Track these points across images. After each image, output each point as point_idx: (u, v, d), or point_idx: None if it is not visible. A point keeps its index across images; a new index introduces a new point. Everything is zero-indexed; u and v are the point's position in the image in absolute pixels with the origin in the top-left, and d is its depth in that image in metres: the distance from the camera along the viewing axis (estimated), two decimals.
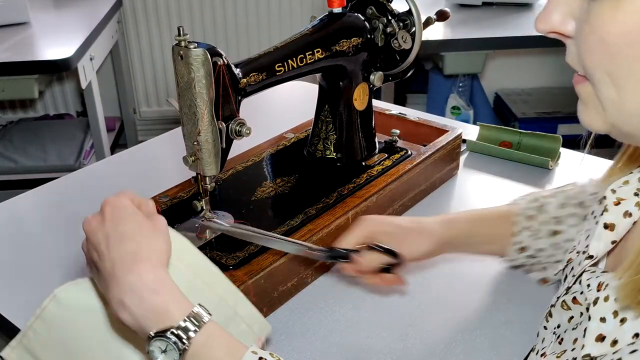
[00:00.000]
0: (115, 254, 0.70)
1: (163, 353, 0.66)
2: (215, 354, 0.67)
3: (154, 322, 0.67)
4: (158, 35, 3.29)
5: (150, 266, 0.69)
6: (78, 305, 0.79)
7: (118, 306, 0.68)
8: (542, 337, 0.77)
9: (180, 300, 0.68)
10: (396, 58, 1.21)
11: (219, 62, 0.93)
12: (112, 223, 0.72)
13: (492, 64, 3.18)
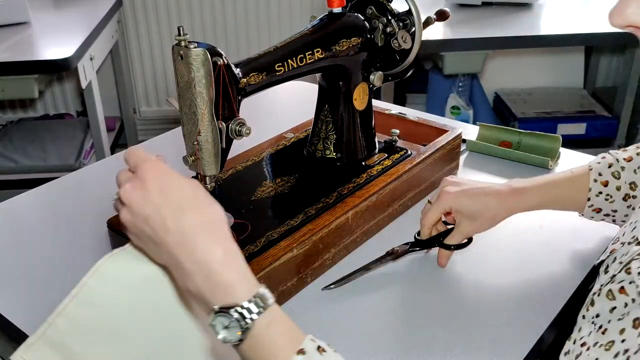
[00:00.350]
0: (176, 226, 0.67)
1: (225, 329, 0.65)
2: (276, 338, 0.67)
3: (220, 297, 0.66)
4: (158, 35, 3.29)
5: (218, 238, 0.68)
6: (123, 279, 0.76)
7: (184, 276, 0.67)
8: (579, 326, 0.77)
9: (247, 278, 0.67)
10: (396, 58, 1.21)
11: (219, 61, 0.93)
12: (161, 193, 0.69)
13: (491, 64, 3.18)
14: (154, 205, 0.69)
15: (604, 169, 1.02)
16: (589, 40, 2.64)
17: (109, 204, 1.19)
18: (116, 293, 0.76)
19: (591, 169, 1.03)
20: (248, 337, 0.65)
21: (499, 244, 1.14)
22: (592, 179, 1.02)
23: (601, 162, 1.03)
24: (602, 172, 1.02)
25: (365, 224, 1.14)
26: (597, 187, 1.02)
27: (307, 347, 0.66)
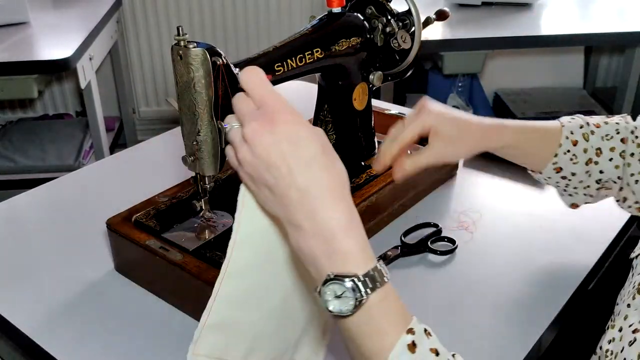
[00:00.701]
0: (302, 182, 0.63)
1: (336, 298, 0.61)
2: (388, 314, 0.63)
3: (336, 264, 0.62)
4: (157, 35, 3.29)
5: (344, 203, 0.65)
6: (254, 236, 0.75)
7: (300, 234, 0.64)
8: (623, 315, 0.77)
9: (366, 250, 0.64)
10: (395, 58, 1.21)
11: (218, 61, 0.92)
12: (290, 143, 0.64)
13: (491, 64, 3.18)
14: (282, 155, 0.64)
15: (576, 128, 0.99)
16: (589, 41, 2.64)
17: (108, 203, 1.20)
18: (252, 254, 0.74)
19: (563, 125, 1.00)
20: (360, 311, 0.61)
21: (498, 243, 1.14)
22: (565, 136, 0.98)
23: (572, 122, 1.00)
24: (574, 131, 0.99)
25: (365, 224, 1.13)
26: (567, 144, 0.98)
27: (415, 327, 0.63)
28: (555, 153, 0.98)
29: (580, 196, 1.04)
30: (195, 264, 0.95)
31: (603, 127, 1.00)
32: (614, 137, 0.98)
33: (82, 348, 0.94)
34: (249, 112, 0.68)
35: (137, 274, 1.05)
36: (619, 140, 0.98)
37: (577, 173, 1.00)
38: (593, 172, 0.99)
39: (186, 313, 0.99)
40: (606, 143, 0.98)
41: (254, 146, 0.66)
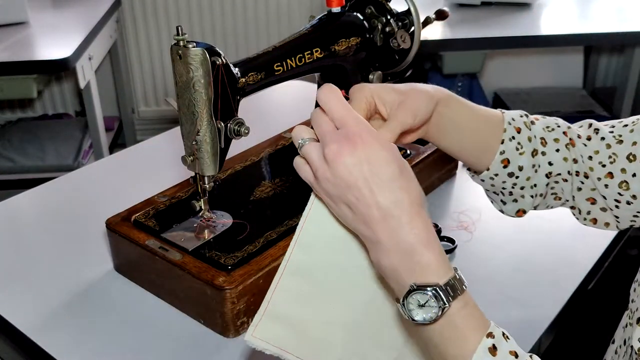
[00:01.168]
0: (383, 201, 0.66)
1: (420, 307, 0.64)
2: (468, 320, 0.66)
3: (418, 276, 0.65)
4: (156, 35, 3.29)
5: (421, 219, 0.66)
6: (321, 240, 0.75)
7: (381, 250, 0.66)
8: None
9: (445, 260, 0.67)
10: (395, 57, 1.21)
11: (217, 61, 0.92)
12: (370, 165, 0.66)
13: (491, 64, 3.18)
14: (363, 177, 0.66)
15: (516, 116, 0.92)
16: (588, 40, 2.64)
17: (107, 203, 1.20)
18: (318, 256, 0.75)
19: (503, 112, 0.92)
20: (442, 318, 0.64)
21: (498, 243, 1.14)
22: (507, 121, 0.91)
23: (510, 111, 0.93)
24: (515, 118, 0.91)
25: None
26: (510, 130, 0.90)
27: (494, 331, 0.66)
28: (501, 139, 0.90)
29: (527, 199, 0.94)
30: (195, 264, 0.95)
31: (542, 120, 0.94)
32: (555, 130, 0.92)
33: (81, 347, 0.94)
34: (330, 132, 0.70)
35: (137, 273, 1.05)
36: (562, 133, 0.92)
37: (524, 167, 0.90)
38: (541, 165, 0.91)
39: (185, 313, 0.99)
40: (549, 134, 0.92)
41: (335, 167, 0.68)
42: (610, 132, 0.91)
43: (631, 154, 0.88)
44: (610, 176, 0.89)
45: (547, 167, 0.91)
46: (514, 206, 0.96)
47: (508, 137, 0.90)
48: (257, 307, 0.95)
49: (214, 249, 0.99)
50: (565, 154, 0.91)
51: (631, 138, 0.88)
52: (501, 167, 0.90)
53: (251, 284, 0.93)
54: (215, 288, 0.91)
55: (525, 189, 0.92)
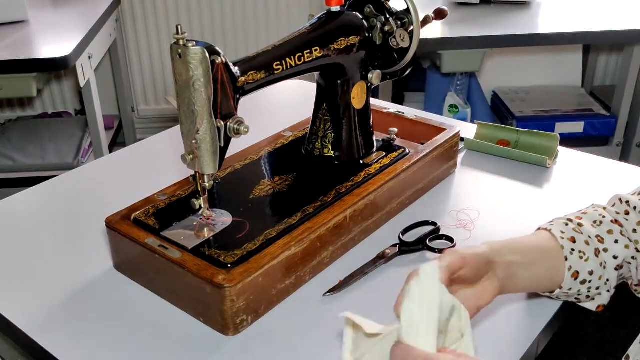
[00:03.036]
0: None
1: None
2: None
3: None
4: (156, 34, 3.29)
5: None
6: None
7: None
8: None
9: None
10: (394, 56, 1.21)
11: (217, 60, 0.93)
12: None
13: (489, 63, 3.18)
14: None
15: (562, 226, 0.92)
16: (587, 39, 2.64)
17: (107, 202, 1.20)
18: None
19: (549, 230, 0.92)
20: None
21: None
22: (558, 237, 0.90)
23: (554, 224, 0.94)
24: (563, 230, 0.92)
25: (364, 222, 1.14)
26: (567, 244, 0.90)
27: None
28: (564, 256, 0.89)
29: (604, 294, 0.94)
30: (194, 262, 0.95)
31: (585, 217, 0.94)
32: (603, 222, 0.93)
33: (80, 346, 0.94)
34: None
35: (136, 272, 1.06)
36: (610, 222, 0.93)
37: (593, 270, 0.90)
38: (607, 261, 0.91)
39: (185, 311, 0.99)
40: (600, 228, 0.92)
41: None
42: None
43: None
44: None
45: (613, 261, 0.91)
46: (592, 304, 0.96)
47: (569, 252, 0.90)
48: (257, 306, 0.96)
49: (213, 247, 0.99)
50: (625, 241, 0.92)
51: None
52: (573, 281, 0.90)
53: (251, 282, 0.93)
54: (214, 286, 0.91)
55: (600, 287, 0.93)
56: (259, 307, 0.97)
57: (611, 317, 2.45)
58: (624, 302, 0.93)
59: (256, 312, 0.97)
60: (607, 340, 2.42)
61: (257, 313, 0.97)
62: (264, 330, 0.96)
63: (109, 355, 0.92)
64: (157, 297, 1.03)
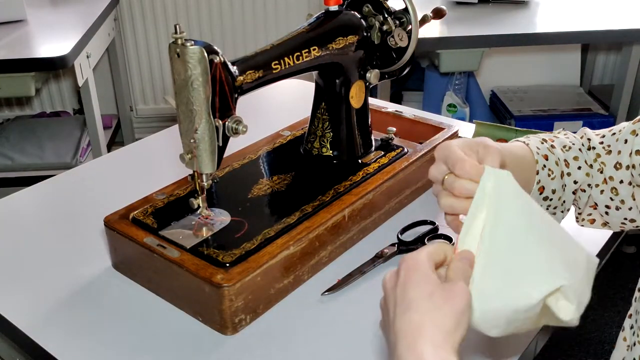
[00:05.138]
0: (398, 325, 0.62)
1: None
2: None
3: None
4: (155, 33, 3.29)
5: (432, 348, 0.58)
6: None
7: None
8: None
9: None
10: (392, 56, 1.21)
11: (215, 59, 0.93)
12: (402, 287, 0.64)
13: (488, 62, 3.18)
14: (392, 299, 0.65)
15: (538, 144, 0.95)
16: (586, 38, 2.64)
17: (105, 201, 1.20)
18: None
19: (527, 144, 0.95)
20: None
21: None
22: (535, 152, 0.93)
23: (531, 139, 0.96)
24: (539, 146, 0.95)
25: (362, 221, 1.14)
26: (540, 160, 0.93)
27: None
28: (536, 170, 0.93)
29: (558, 215, 0.99)
30: (193, 262, 0.95)
31: (557, 141, 0.97)
32: (572, 148, 0.97)
33: (79, 345, 0.94)
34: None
35: (135, 271, 1.06)
36: (578, 150, 0.97)
37: (556, 189, 0.95)
38: (568, 184, 0.97)
39: (183, 310, 0.99)
40: (568, 153, 0.97)
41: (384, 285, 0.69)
42: (600, 142, 0.97)
43: (618, 162, 0.94)
44: (605, 182, 0.96)
45: (573, 185, 0.96)
46: None
47: (541, 167, 0.94)
48: (255, 305, 0.96)
49: (212, 247, 1.00)
50: (586, 169, 0.96)
51: (616, 147, 0.95)
52: (538, 195, 0.94)
53: (249, 282, 0.93)
54: (213, 285, 0.91)
55: (557, 208, 0.98)
56: (258, 307, 0.97)
57: (609, 316, 2.45)
58: (623, 302, 0.93)
59: (255, 311, 0.97)
60: (606, 340, 2.42)
61: (255, 312, 0.97)
62: (263, 329, 0.96)
63: (107, 354, 0.92)
64: (155, 296, 1.03)
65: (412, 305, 0.61)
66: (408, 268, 0.65)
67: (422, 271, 0.64)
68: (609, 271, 2.52)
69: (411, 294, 0.62)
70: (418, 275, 0.64)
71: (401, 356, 0.59)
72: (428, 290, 0.62)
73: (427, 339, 0.59)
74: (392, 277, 0.67)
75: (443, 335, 0.59)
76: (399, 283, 0.64)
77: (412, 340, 0.59)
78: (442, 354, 0.58)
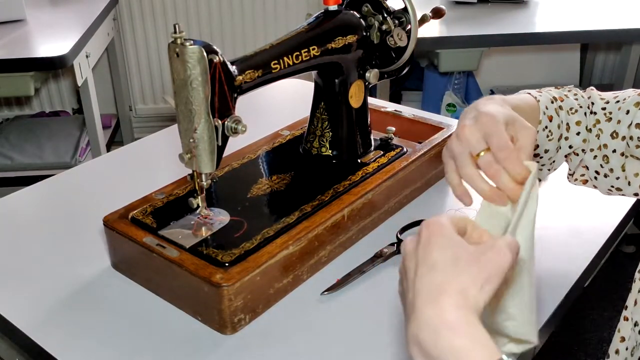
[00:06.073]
0: (419, 284, 0.60)
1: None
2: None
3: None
4: (154, 33, 3.29)
5: (454, 304, 0.58)
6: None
7: (412, 342, 0.59)
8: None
9: (485, 346, 0.57)
10: (392, 55, 1.21)
11: (214, 59, 0.93)
12: (424, 249, 0.62)
13: (487, 61, 3.19)
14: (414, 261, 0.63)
15: (548, 103, 0.95)
16: (585, 38, 2.64)
17: (105, 201, 1.20)
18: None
19: (538, 100, 0.94)
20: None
21: None
22: (542, 111, 0.93)
23: (543, 96, 0.95)
24: (548, 106, 0.95)
25: (361, 221, 1.14)
26: (544, 120, 0.94)
27: None
28: (537, 130, 0.93)
29: (544, 172, 1.02)
30: (192, 261, 0.95)
31: (566, 101, 0.97)
32: (578, 111, 0.97)
33: (79, 345, 0.94)
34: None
35: (134, 271, 1.06)
36: (583, 114, 0.98)
37: (549, 149, 0.96)
38: (563, 147, 0.98)
39: (182, 310, 0.99)
40: (572, 117, 0.97)
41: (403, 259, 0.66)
42: (603, 108, 0.98)
43: (615, 131, 0.95)
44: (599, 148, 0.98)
45: (567, 149, 0.98)
46: None
47: (542, 128, 0.94)
48: (254, 304, 0.96)
49: (211, 246, 0.99)
50: (585, 135, 0.97)
51: (617, 116, 0.96)
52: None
53: (248, 281, 0.93)
54: (212, 285, 0.91)
55: (545, 165, 1.00)
56: (257, 306, 0.97)
57: (609, 317, 2.45)
58: (622, 302, 0.93)
59: (254, 311, 0.97)
60: (605, 340, 2.42)
61: (254, 312, 0.97)
62: (262, 329, 0.96)
63: (107, 354, 0.92)
64: (154, 296, 1.03)
65: (437, 267, 0.60)
66: (431, 230, 0.63)
67: (447, 233, 0.63)
68: (608, 271, 2.53)
69: (435, 255, 0.61)
70: (442, 237, 0.62)
71: (420, 310, 0.58)
72: (452, 254, 0.61)
73: (450, 297, 0.58)
74: (413, 239, 0.65)
75: (467, 299, 0.58)
76: (421, 245, 0.63)
77: (434, 297, 0.58)
78: (464, 312, 0.58)
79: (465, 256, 0.61)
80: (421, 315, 0.58)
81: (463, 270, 0.60)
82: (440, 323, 0.57)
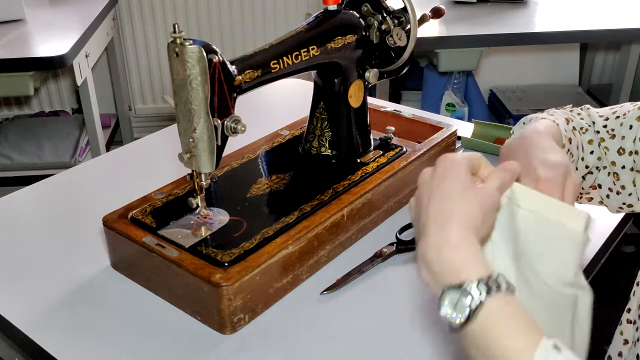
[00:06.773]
0: (431, 211, 0.67)
1: (453, 307, 0.61)
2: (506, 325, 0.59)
3: (449, 277, 0.62)
4: (153, 32, 3.29)
5: (457, 225, 0.65)
6: None
7: (420, 263, 0.65)
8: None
9: (481, 263, 0.62)
10: (391, 55, 1.21)
11: (214, 59, 0.93)
12: (439, 179, 0.69)
13: (487, 61, 3.18)
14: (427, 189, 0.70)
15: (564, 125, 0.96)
16: (584, 37, 2.64)
17: (104, 200, 1.20)
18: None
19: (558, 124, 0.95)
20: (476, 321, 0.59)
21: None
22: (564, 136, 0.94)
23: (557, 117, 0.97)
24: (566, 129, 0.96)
25: (361, 221, 1.14)
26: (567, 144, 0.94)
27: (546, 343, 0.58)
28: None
29: None
30: (191, 261, 0.95)
31: (576, 120, 0.99)
32: (588, 130, 0.98)
33: (78, 345, 0.94)
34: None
35: (134, 270, 1.06)
36: (593, 132, 0.99)
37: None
38: (580, 168, 0.98)
39: (182, 309, 0.99)
40: (584, 136, 0.98)
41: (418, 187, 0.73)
42: (604, 126, 0.98)
43: (621, 147, 0.96)
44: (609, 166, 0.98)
45: (584, 170, 0.98)
46: None
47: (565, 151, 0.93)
48: (254, 304, 0.96)
49: (210, 246, 0.99)
50: (598, 153, 0.98)
51: (620, 132, 0.97)
52: None
53: (248, 281, 0.93)
54: (211, 285, 0.91)
55: None
56: (256, 306, 0.97)
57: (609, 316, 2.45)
58: (622, 301, 0.93)
59: (253, 310, 0.97)
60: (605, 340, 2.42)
61: (254, 312, 0.97)
62: (261, 328, 0.96)
63: (106, 353, 0.92)
64: (154, 295, 1.03)
65: (447, 196, 0.67)
66: (446, 165, 0.69)
67: (459, 171, 0.69)
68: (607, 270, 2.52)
69: (447, 185, 0.67)
70: (455, 173, 0.68)
71: (428, 233, 0.65)
72: (462, 186, 0.67)
73: (456, 222, 0.64)
74: (429, 171, 0.71)
75: (470, 224, 0.65)
76: (437, 176, 0.69)
77: (442, 222, 0.65)
78: (467, 237, 0.64)
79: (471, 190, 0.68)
80: (429, 237, 0.65)
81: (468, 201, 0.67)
82: (443, 242, 0.64)
